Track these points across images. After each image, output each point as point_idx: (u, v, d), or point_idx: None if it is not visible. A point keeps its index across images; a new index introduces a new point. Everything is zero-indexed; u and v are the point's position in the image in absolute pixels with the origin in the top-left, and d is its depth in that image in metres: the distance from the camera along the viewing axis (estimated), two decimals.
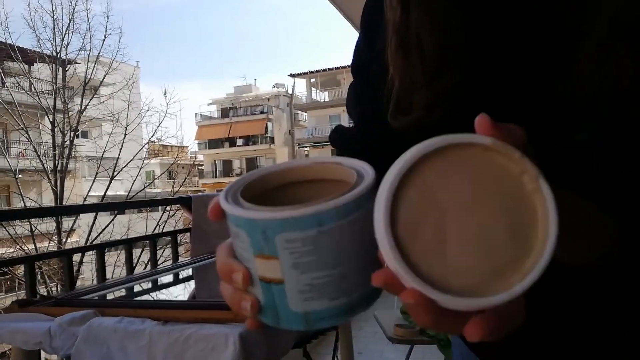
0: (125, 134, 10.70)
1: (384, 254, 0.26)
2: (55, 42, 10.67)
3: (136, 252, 6.67)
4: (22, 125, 10.12)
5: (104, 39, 10.95)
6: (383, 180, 0.27)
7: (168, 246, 6.36)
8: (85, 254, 6.54)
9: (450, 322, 0.27)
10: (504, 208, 0.26)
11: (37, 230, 9.18)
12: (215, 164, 29.32)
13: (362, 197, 0.29)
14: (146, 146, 11.51)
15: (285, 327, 0.31)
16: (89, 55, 10.98)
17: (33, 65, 11.70)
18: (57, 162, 9.95)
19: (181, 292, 1.45)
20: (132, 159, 10.78)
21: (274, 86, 29.70)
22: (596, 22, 0.37)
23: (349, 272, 0.30)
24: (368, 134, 0.55)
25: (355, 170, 0.32)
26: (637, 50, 0.36)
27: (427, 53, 0.41)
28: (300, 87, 40.12)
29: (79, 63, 11.12)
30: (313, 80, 28.31)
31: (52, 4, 10.64)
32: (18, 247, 8.87)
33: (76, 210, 7.84)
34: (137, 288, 1.38)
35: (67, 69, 10.92)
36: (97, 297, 1.22)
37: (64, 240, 9.21)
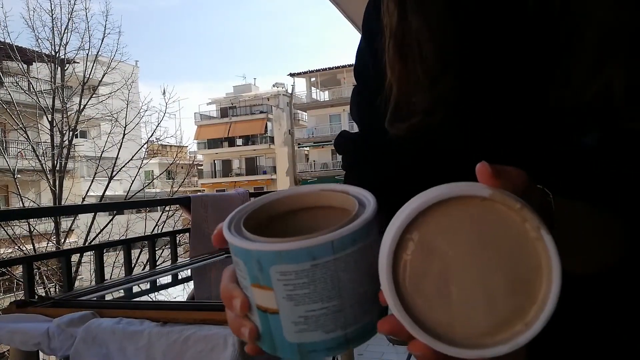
0: (124, 134, 10.68)
1: (390, 307, 0.27)
2: (54, 42, 10.66)
3: (135, 253, 6.67)
4: (20, 125, 10.10)
5: (103, 38, 10.96)
6: (385, 233, 0.28)
7: (167, 246, 6.36)
8: (84, 254, 6.52)
9: None
10: (506, 258, 0.26)
11: (35, 231, 9.17)
12: (215, 164, 29.29)
13: (358, 231, 0.29)
14: (145, 146, 11.48)
15: (282, 356, 0.31)
16: (87, 54, 10.97)
17: (32, 64, 11.68)
18: (55, 162, 9.94)
19: (180, 293, 1.45)
20: (131, 159, 10.76)
21: (274, 85, 29.71)
22: (588, 33, 0.37)
23: (345, 306, 0.30)
24: (371, 139, 0.55)
25: (358, 200, 0.32)
26: (631, 60, 0.36)
27: (426, 57, 0.42)
28: (300, 87, 40.15)
29: (78, 62, 11.10)
30: (313, 79, 28.31)
31: (51, 3, 10.63)
32: (16, 247, 8.86)
33: (75, 210, 7.83)
34: (135, 289, 1.37)
35: (65, 68, 10.90)
36: (95, 298, 1.22)
37: (62, 240, 9.20)
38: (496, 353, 0.26)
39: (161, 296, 1.41)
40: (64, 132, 10.21)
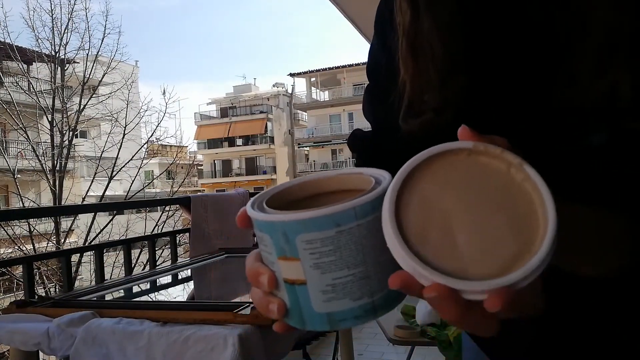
0: (124, 134, 10.69)
1: (399, 260, 0.28)
2: (54, 42, 10.67)
3: (135, 253, 6.67)
4: (20, 125, 10.10)
5: (103, 38, 10.96)
6: (387, 192, 0.29)
7: (167, 246, 6.37)
8: (84, 254, 6.53)
9: (476, 317, 0.27)
10: (500, 201, 0.28)
11: (35, 231, 9.17)
12: (215, 164, 29.30)
13: (378, 198, 0.30)
14: (145, 146, 11.48)
15: (311, 328, 0.32)
16: (87, 54, 10.97)
17: (32, 64, 11.68)
18: (55, 162, 9.94)
19: (180, 293, 1.45)
20: (131, 159, 10.76)
21: (274, 85, 29.72)
22: (592, 34, 0.38)
23: (370, 272, 0.30)
24: (383, 137, 0.55)
25: (374, 178, 0.34)
26: (634, 61, 0.36)
27: (437, 56, 0.42)
28: (300, 87, 40.18)
29: (78, 62, 11.10)
30: (313, 79, 28.30)
31: (51, 3, 10.63)
32: (16, 247, 8.86)
33: (75, 210, 7.83)
34: (135, 289, 1.37)
35: (65, 68, 10.90)
36: (95, 298, 1.22)
37: (62, 240, 9.20)
38: (511, 280, 0.26)
39: (161, 296, 1.41)
40: (64, 132, 10.21)
